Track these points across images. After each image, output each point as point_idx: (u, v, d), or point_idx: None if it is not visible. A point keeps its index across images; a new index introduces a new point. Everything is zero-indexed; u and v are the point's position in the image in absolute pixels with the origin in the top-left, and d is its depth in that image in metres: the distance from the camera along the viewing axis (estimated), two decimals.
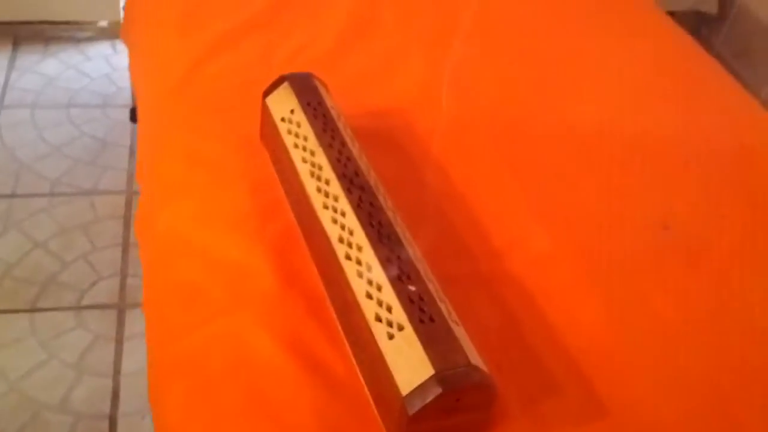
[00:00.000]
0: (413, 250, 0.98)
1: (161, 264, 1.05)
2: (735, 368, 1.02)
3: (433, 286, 0.94)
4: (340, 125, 1.11)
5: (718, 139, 1.39)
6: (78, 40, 2.57)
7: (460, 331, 0.90)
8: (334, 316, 0.99)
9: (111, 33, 2.50)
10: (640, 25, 1.71)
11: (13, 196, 2.04)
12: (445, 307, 0.92)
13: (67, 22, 2.54)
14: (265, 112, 1.16)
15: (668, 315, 1.08)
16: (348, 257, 0.96)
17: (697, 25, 2.63)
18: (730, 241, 1.19)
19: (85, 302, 1.80)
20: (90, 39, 2.58)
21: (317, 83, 1.17)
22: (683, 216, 1.22)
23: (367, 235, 0.97)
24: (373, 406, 0.91)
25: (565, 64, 1.52)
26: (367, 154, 1.12)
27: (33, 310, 1.77)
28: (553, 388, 0.97)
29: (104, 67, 2.48)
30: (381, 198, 1.03)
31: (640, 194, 1.26)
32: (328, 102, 1.15)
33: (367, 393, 0.93)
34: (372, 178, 1.06)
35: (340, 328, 0.98)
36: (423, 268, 0.96)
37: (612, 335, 1.04)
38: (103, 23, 2.52)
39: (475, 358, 0.88)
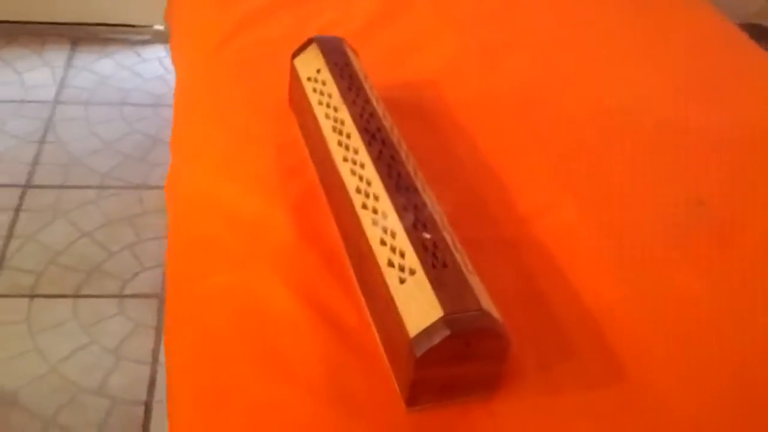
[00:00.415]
0: (432, 202, 0.96)
1: (183, 217, 1.05)
2: (762, 349, 0.97)
3: (450, 237, 0.92)
4: (366, 86, 1.10)
5: (761, 126, 1.35)
6: (134, 43, 2.62)
7: (474, 279, 0.87)
8: (351, 270, 0.98)
9: (166, 36, 2.52)
10: (683, 14, 1.68)
11: (62, 187, 2.07)
12: (461, 257, 0.90)
13: (124, 25, 2.60)
14: (293, 73, 1.16)
15: (695, 292, 1.04)
16: (364, 207, 0.95)
17: (755, 38, 2.56)
18: (764, 224, 1.15)
19: (127, 291, 1.81)
20: (145, 42, 2.63)
21: (346, 47, 1.17)
22: (719, 194, 1.18)
23: (385, 185, 0.95)
24: (384, 355, 0.89)
25: (602, 48, 1.50)
26: (395, 121, 1.11)
27: (76, 296, 1.79)
28: (570, 352, 0.94)
29: (158, 68, 2.52)
30: (402, 153, 1.01)
31: (674, 171, 1.22)
32: (356, 64, 1.14)
33: (379, 342, 0.91)
34: (395, 135, 1.04)
35: (355, 279, 0.97)
36: (440, 219, 0.94)
37: (634, 306, 1.01)
38: (159, 27, 2.56)
39: (488, 304, 0.85)
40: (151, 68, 2.52)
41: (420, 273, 0.86)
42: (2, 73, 2.45)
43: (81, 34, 2.62)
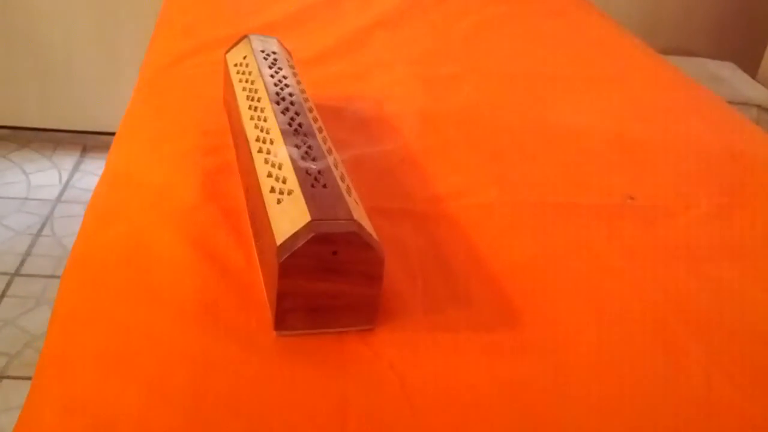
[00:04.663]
0: (333, 154, 0.95)
1: (96, 195, 1.04)
2: (679, 309, 0.92)
3: (340, 172, 0.90)
4: (290, 71, 1.11)
5: (705, 143, 1.34)
6: None
7: (356, 206, 0.84)
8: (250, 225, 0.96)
9: None
10: (632, 57, 1.73)
11: (52, 277, 2.10)
12: (347, 187, 0.87)
13: None
14: (225, 67, 1.18)
15: (613, 261, 0.99)
16: (260, 151, 0.94)
17: None
18: (695, 216, 1.11)
19: None
20: None
21: (277, 42, 1.19)
22: (651, 194, 1.15)
23: (282, 131, 0.94)
24: (263, 286, 0.86)
25: (551, 81, 1.51)
26: (328, 123, 1.11)
27: None
28: (465, 300, 0.89)
29: None
30: (310, 116, 1.01)
31: (610, 173, 1.20)
32: (284, 55, 1.16)
33: (261, 278, 0.87)
34: (308, 104, 1.04)
35: (251, 230, 0.94)
36: (336, 161, 0.92)
37: (546, 269, 0.97)
38: None
39: (363, 219, 0.82)
40: None
41: (297, 192, 0.83)
42: (10, 174, 2.54)
43: (91, 142, 2.72)
